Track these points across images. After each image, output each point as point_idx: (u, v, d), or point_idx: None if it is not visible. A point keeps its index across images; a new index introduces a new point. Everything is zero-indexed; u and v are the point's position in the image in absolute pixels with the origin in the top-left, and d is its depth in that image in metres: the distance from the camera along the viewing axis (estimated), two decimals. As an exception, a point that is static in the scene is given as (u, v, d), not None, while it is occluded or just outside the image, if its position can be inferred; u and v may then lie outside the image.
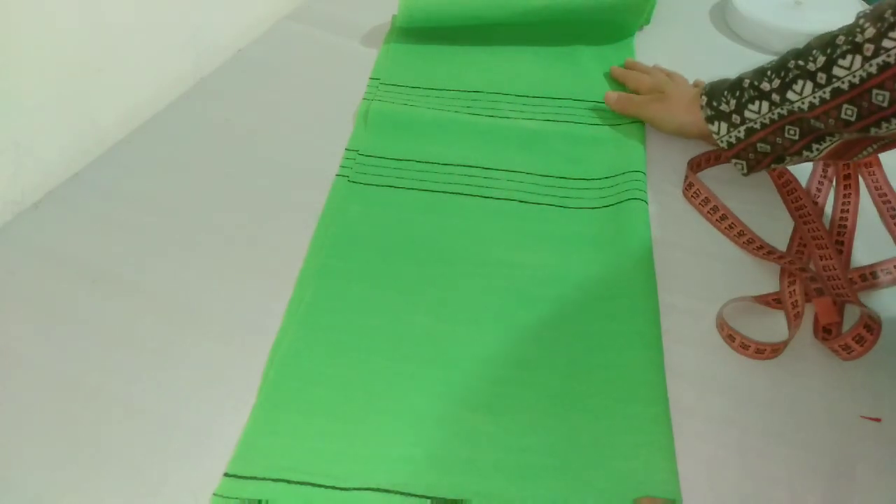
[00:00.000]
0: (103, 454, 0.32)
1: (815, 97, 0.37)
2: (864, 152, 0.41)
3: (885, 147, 0.41)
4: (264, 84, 0.57)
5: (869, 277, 0.42)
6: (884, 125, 0.36)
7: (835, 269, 0.43)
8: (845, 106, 0.36)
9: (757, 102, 0.41)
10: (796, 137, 0.40)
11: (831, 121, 0.37)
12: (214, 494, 0.31)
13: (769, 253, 0.43)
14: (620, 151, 0.50)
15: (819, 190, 0.49)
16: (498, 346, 0.37)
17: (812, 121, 0.38)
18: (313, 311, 0.39)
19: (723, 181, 0.49)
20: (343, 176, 0.48)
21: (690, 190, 0.48)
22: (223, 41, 0.61)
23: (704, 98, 0.46)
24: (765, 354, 0.38)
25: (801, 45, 0.40)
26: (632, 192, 0.46)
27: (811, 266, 0.43)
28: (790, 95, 0.38)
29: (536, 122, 0.53)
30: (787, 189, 0.49)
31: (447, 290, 0.40)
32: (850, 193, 0.49)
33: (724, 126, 0.44)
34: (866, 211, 0.48)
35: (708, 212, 0.47)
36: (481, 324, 0.39)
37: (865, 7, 0.71)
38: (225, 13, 0.61)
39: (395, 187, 0.47)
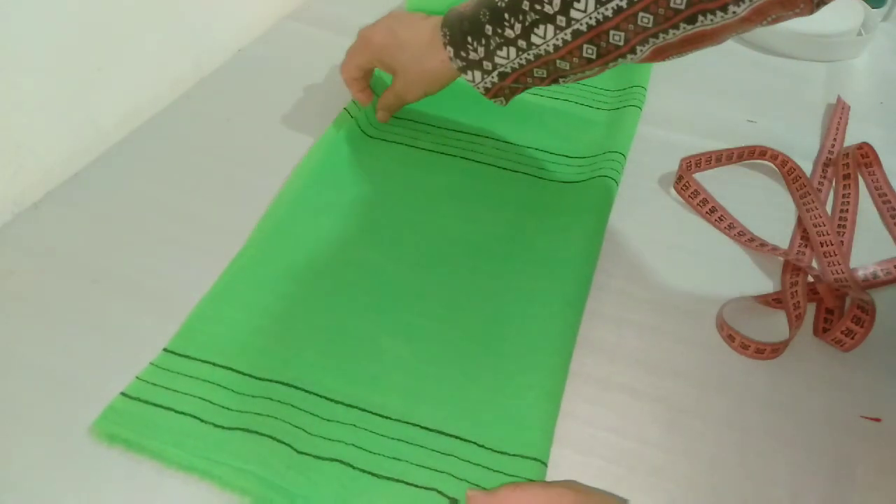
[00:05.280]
0: (103, 455, 0.32)
1: (557, 39, 0.39)
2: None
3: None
4: (264, 84, 0.57)
5: (869, 277, 0.42)
6: (619, 61, 0.39)
7: (835, 255, 0.43)
8: (585, 46, 0.39)
9: (505, 49, 0.42)
10: (545, 76, 0.42)
11: (575, 59, 0.40)
12: (150, 364, 0.35)
13: (761, 245, 0.44)
14: (609, 134, 0.52)
15: (819, 190, 0.49)
16: (434, 287, 0.41)
17: (558, 61, 0.40)
18: (280, 229, 0.43)
19: (719, 181, 0.49)
20: (353, 117, 0.51)
21: (680, 183, 0.48)
22: (223, 41, 0.61)
23: (451, 50, 0.44)
24: (765, 354, 0.38)
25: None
26: (604, 171, 0.48)
27: (814, 264, 0.43)
28: (534, 39, 0.40)
29: (537, 97, 0.56)
30: (793, 177, 0.50)
31: (403, 232, 0.44)
32: (849, 193, 0.49)
33: (477, 74, 0.44)
34: (866, 211, 0.48)
35: (697, 205, 0.47)
36: (426, 266, 0.42)
37: (866, 6, 0.71)
38: (225, 13, 0.61)
39: (387, 141, 0.51)
